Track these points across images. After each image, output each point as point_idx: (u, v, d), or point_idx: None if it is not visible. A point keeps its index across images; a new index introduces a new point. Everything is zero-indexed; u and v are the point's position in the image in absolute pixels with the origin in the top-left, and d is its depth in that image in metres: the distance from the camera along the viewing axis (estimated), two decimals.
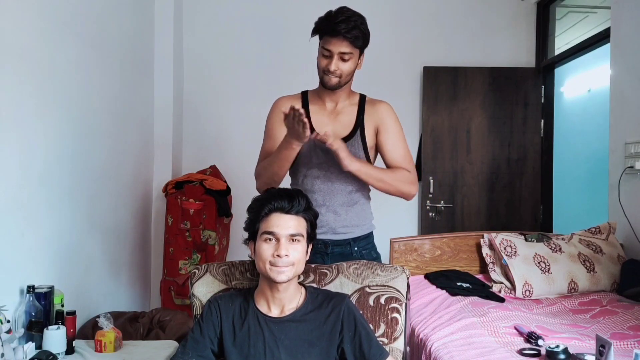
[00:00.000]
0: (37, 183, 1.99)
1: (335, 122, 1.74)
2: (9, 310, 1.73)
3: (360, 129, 1.74)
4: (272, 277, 1.28)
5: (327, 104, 1.76)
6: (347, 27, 1.58)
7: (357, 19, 1.61)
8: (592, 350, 1.55)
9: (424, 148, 3.72)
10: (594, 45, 3.25)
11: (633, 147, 2.56)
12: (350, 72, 1.69)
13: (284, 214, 1.31)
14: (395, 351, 1.45)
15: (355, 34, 1.60)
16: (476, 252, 2.77)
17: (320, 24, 1.64)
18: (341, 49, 1.61)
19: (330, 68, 1.63)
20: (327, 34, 1.62)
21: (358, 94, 1.81)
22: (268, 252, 1.29)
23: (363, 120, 1.74)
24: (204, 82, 3.74)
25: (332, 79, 1.66)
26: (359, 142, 1.73)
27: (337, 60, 1.63)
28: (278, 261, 1.27)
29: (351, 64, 1.66)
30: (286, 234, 1.29)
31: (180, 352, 1.31)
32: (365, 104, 1.77)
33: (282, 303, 1.34)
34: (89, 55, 2.44)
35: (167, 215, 3.11)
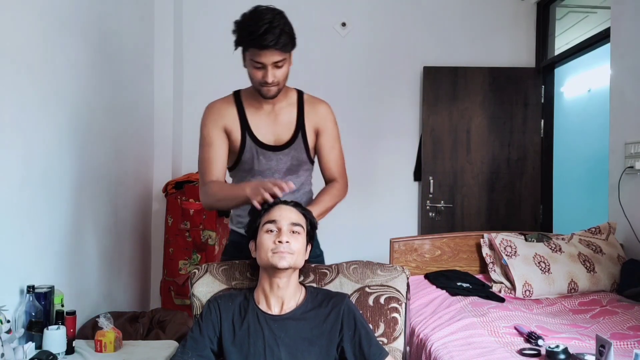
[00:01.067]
0: (37, 183, 1.99)
1: (276, 125, 1.68)
2: (9, 310, 1.73)
3: (302, 131, 1.69)
4: (274, 263, 1.29)
5: (265, 106, 1.68)
6: (274, 38, 1.47)
7: (279, 23, 1.49)
8: (592, 350, 1.55)
9: (424, 148, 3.72)
10: (594, 45, 3.25)
11: (633, 147, 2.56)
12: (286, 75, 1.60)
13: (285, 205, 1.38)
14: (395, 351, 1.46)
15: (284, 41, 1.50)
16: (476, 252, 2.77)
17: (242, 34, 1.52)
18: (274, 59, 1.52)
19: (268, 80, 1.55)
20: (254, 47, 1.51)
21: (294, 90, 1.74)
22: (269, 240, 1.32)
23: (304, 122, 1.69)
24: (204, 82, 3.74)
25: (271, 89, 1.59)
26: (301, 145, 1.70)
27: (272, 70, 1.54)
28: (279, 247, 1.30)
29: (285, 68, 1.58)
30: (287, 223, 1.34)
31: (180, 351, 1.31)
32: (304, 103, 1.72)
33: (281, 301, 1.34)
34: (89, 56, 2.45)
35: (167, 216, 3.11)
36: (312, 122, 1.71)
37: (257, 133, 1.67)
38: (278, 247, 1.30)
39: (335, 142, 1.75)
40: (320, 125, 1.72)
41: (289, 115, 1.70)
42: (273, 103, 1.69)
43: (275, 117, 1.69)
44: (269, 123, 1.69)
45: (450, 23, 3.81)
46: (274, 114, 1.69)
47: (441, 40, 3.80)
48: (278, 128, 1.69)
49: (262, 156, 1.67)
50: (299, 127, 1.69)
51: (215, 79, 3.74)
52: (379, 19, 3.79)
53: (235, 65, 3.91)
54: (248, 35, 1.50)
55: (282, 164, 1.69)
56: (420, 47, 3.80)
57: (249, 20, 1.51)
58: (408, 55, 3.80)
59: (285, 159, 1.69)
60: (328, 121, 1.73)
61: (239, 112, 1.68)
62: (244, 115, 1.68)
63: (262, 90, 1.60)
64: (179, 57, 3.60)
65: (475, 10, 3.81)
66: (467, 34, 3.80)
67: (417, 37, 3.81)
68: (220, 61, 3.75)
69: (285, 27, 1.51)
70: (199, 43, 3.73)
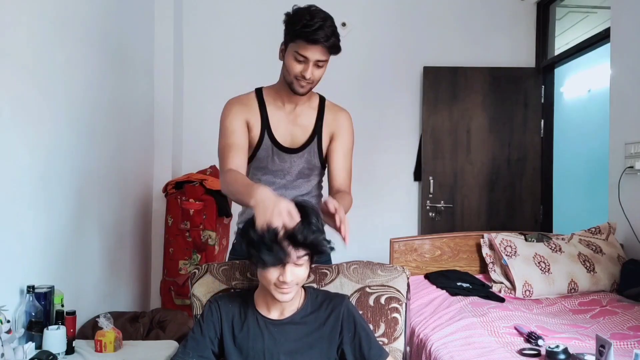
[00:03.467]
0: (37, 183, 1.99)
1: (295, 126, 1.68)
2: (9, 310, 1.73)
3: (318, 136, 1.69)
4: (276, 297, 1.26)
5: (287, 105, 1.68)
6: (325, 35, 1.50)
7: (331, 24, 1.53)
8: (592, 350, 1.55)
9: (424, 148, 3.72)
10: (594, 45, 3.25)
11: (633, 147, 2.56)
12: (320, 78, 1.61)
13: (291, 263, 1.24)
14: (395, 351, 1.46)
15: (333, 42, 1.52)
16: (476, 252, 2.77)
17: (295, 26, 1.52)
18: (318, 56, 1.53)
19: (306, 75, 1.55)
20: (303, 40, 1.51)
21: (317, 95, 1.74)
22: (273, 275, 1.23)
23: (321, 127, 1.70)
24: (204, 82, 3.74)
25: (305, 86, 1.59)
26: (315, 149, 1.69)
27: (312, 67, 1.55)
28: (283, 285, 1.24)
29: (323, 70, 1.59)
30: (292, 261, 1.23)
31: (180, 352, 1.31)
32: (325, 109, 1.72)
33: (282, 306, 1.33)
34: (89, 56, 2.44)
35: (167, 216, 3.11)
36: (330, 128, 1.71)
37: (276, 133, 1.66)
38: (281, 284, 1.23)
39: (348, 151, 1.73)
40: (336, 130, 1.71)
41: (308, 119, 1.69)
42: (295, 104, 1.69)
43: (294, 118, 1.69)
44: (288, 123, 1.68)
45: (450, 23, 3.81)
46: (294, 115, 1.69)
47: (441, 40, 3.80)
48: (296, 129, 1.68)
49: (277, 156, 1.67)
50: (315, 132, 1.69)
51: (215, 79, 3.74)
52: (379, 19, 3.79)
53: (235, 65, 3.94)
54: (302, 27, 1.50)
55: (295, 167, 1.69)
56: (420, 47, 3.80)
57: (302, 14, 1.52)
58: (408, 55, 3.80)
59: (298, 161, 1.68)
60: (345, 128, 1.72)
61: (261, 109, 1.67)
62: (265, 113, 1.67)
63: (294, 85, 1.59)
64: (179, 57, 3.60)
65: (475, 11, 3.81)
66: (467, 34, 3.80)
67: (417, 37, 3.81)
68: (220, 61, 3.77)
69: (335, 31, 1.54)
70: (199, 43, 3.73)
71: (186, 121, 3.71)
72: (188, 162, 3.66)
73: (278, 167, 1.68)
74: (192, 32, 3.72)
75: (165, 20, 3.44)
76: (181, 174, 3.53)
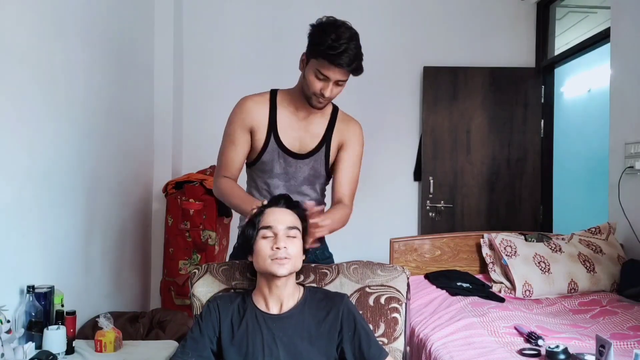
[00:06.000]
0: (37, 183, 1.99)
1: (305, 133, 1.69)
2: (9, 310, 1.73)
3: (327, 144, 1.70)
4: (273, 271, 1.29)
5: (300, 112, 1.68)
6: (349, 59, 1.49)
7: (356, 46, 1.51)
8: (592, 350, 1.55)
9: (424, 148, 3.72)
10: (594, 45, 3.25)
11: (633, 147, 2.56)
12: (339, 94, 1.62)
13: (278, 207, 1.36)
14: (395, 351, 1.46)
15: (356, 65, 1.53)
16: (476, 252, 2.77)
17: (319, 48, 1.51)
18: (339, 77, 1.54)
19: (326, 94, 1.56)
20: (327, 61, 1.51)
21: (331, 104, 1.73)
22: (267, 246, 1.30)
23: (331, 136, 1.70)
24: (204, 82, 3.74)
25: (323, 103, 1.60)
26: (322, 157, 1.70)
27: (332, 85, 1.55)
28: (277, 253, 1.29)
29: (342, 88, 1.60)
30: (283, 227, 1.32)
31: (180, 351, 1.31)
32: (337, 119, 1.72)
33: (280, 300, 1.34)
34: (89, 56, 2.44)
35: (167, 216, 3.11)
36: (339, 137, 1.71)
37: (283, 137, 1.66)
38: (276, 253, 1.29)
39: (356, 162, 1.73)
40: (346, 140, 1.71)
41: (319, 127, 1.70)
42: (309, 112, 1.68)
43: (306, 125, 1.69)
44: (298, 129, 1.68)
45: (450, 23, 3.81)
46: (306, 122, 1.69)
47: (441, 40, 3.80)
48: (305, 136, 1.69)
49: (283, 160, 1.67)
50: (324, 140, 1.70)
51: (215, 79, 3.74)
52: (378, 19, 3.79)
53: (235, 65, 3.93)
54: (326, 49, 1.49)
55: (300, 173, 1.69)
56: (420, 47, 3.80)
57: (328, 33, 1.50)
58: (408, 55, 3.80)
59: (304, 168, 1.69)
60: (355, 139, 1.73)
61: (271, 112, 1.67)
62: (274, 117, 1.67)
63: (312, 100, 1.60)
64: (179, 57, 3.60)
65: (475, 11, 3.81)
66: (467, 34, 3.80)
67: (417, 37, 3.81)
68: (220, 61, 3.77)
69: (359, 52, 1.53)
70: (199, 44, 3.73)
71: (186, 121, 3.71)
72: (188, 162, 3.66)
73: (283, 171, 1.69)
74: (192, 32, 3.72)
75: (166, 20, 3.44)
76: (181, 174, 3.53)
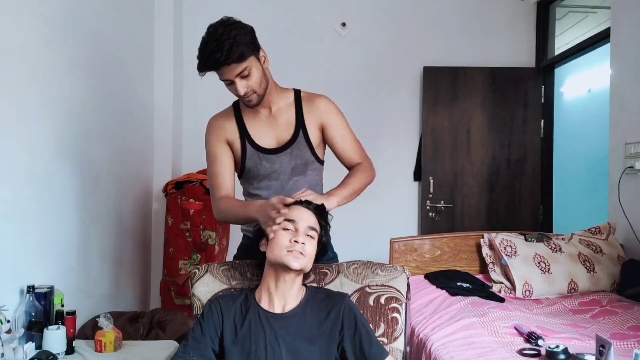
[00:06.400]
0: (37, 183, 1.99)
1: (276, 127, 1.68)
2: (9, 310, 1.73)
3: (302, 129, 1.68)
4: (287, 262, 1.30)
5: (261, 111, 1.68)
6: (222, 54, 1.47)
7: (228, 36, 1.48)
8: (592, 350, 1.55)
9: (424, 148, 3.72)
10: (594, 45, 3.25)
11: (633, 147, 2.56)
12: (260, 80, 1.57)
13: (305, 208, 1.39)
14: (395, 351, 1.46)
15: (235, 53, 1.48)
16: (476, 252, 2.77)
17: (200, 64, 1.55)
18: (234, 72, 1.52)
19: (240, 92, 1.55)
20: (211, 70, 1.55)
21: (291, 90, 1.73)
22: (286, 238, 1.32)
23: (303, 119, 1.68)
24: (204, 82, 3.71)
25: (251, 99, 1.59)
26: (303, 143, 1.68)
27: (240, 81, 1.53)
28: (295, 246, 1.31)
29: (255, 75, 1.55)
30: (305, 225, 1.35)
31: (181, 351, 1.31)
32: (302, 101, 1.70)
33: (284, 300, 1.35)
34: (89, 55, 2.45)
35: (167, 216, 3.11)
36: (314, 119, 1.69)
37: (257, 139, 1.67)
38: (294, 246, 1.31)
39: (344, 130, 1.73)
40: (323, 119, 1.70)
41: (287, 116, 1.69)
42: (268, 107, 1.69)
43: (274, 120, 1.69)
44: (268, 126, 1.68)
45: (450, 23, 3.81)
46: (272, 117, 1.69)
47: (441, 40, 3.80)
48: (278, 130, 1.68)
49: (265, 160, 1.67)
50: (298, 126, 1.68)
51: (215, 78, 3.73)
52: (379, 19, 3.79)
53: None
54: (201, 60, 1.53)
55: (286, 165, 1.68)
56: (420, 47, 3.80)
57: (202, 44, 1.53)
58: (408, 55, 3.80)
59: (287, 159, 1.68)
60: (330, 113, 1.71)
61: (238, 121, 1.69)
62: (242, 124, 1.69)
63: (245, 103, 1.62)
64: (179, 57, 3.60)
65: (475, 11, 3.81)
66: (467, 34, 3.80)
67: (417, 37, 3.81)
68: None
69: (236, 37, 1.49)
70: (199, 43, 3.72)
71: (186, 121, 3.71)
72: (188, 162, 3.65)
73: (269, 170, 1.68)
74: (192, 31, 3.70)
75: (165, 20, 3.44)
76: (181, 174, 3.53)
